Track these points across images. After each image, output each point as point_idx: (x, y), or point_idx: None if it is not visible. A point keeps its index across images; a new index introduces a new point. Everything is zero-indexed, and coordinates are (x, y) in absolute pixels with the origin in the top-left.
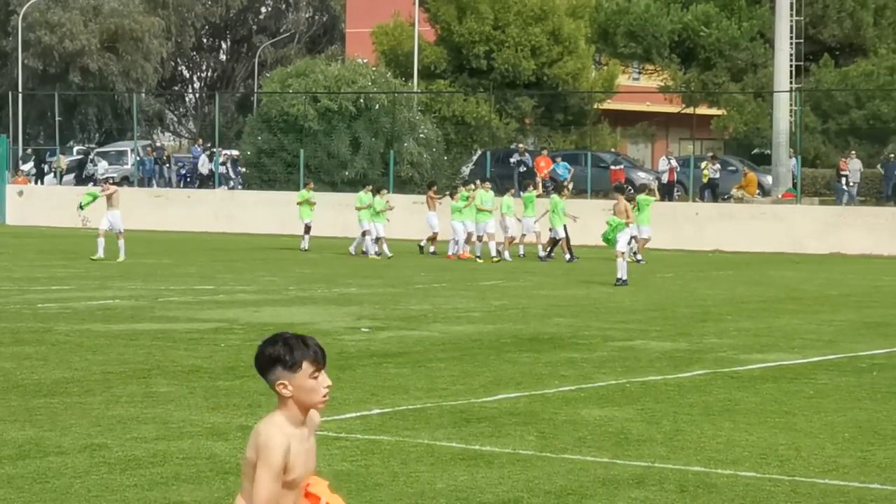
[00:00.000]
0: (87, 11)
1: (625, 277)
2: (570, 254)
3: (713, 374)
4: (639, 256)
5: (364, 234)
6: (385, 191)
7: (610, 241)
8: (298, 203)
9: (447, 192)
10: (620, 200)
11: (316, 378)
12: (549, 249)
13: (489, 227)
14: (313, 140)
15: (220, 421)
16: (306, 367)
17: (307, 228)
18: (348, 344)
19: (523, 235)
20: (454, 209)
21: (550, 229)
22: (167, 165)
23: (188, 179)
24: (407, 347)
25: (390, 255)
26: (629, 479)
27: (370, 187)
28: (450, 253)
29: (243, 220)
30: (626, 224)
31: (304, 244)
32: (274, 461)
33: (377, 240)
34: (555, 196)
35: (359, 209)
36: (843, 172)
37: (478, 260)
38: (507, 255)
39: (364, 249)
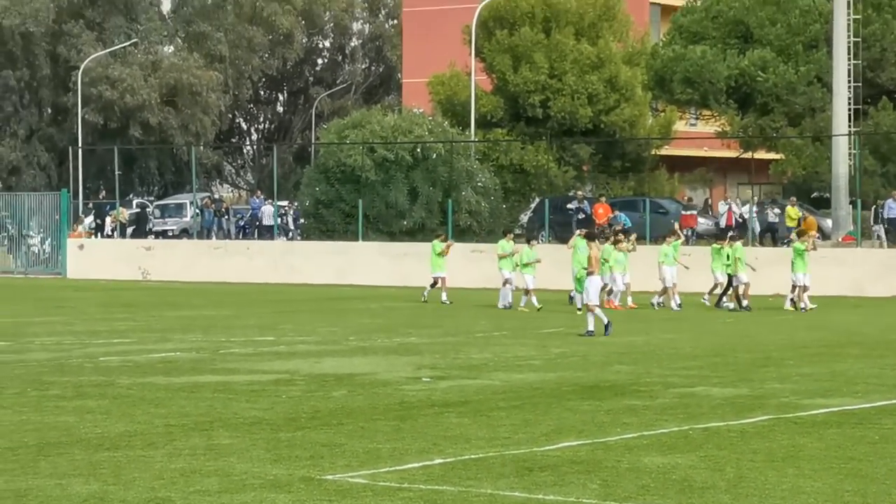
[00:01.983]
0: (146, 67)
1: (591, 329)
2: (735, 302)
3: (776, 419)
4: (745, 302)
5: (506, 283)
6: (535, 242)
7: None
8: (438, 254)
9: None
10: (592, 248)
11: None
12: (738, 298)
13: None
14: (371, 190)
15: (282, 473)
16: None
17: (436, 281)
18: (409, 394)
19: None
20: (614, 260)
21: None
22: (226, 217)
23: (247, 230)
24: (468, 396)
25: (539, 306)
26: None
27: (511, 235)
28: (614, 304)
29: (302, 270)
30: (590, 273)
31: (426, 293)
32: None
33: (526, 292)
34: (738, 244)
35: (500, 257)
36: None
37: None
38: (673, 303)
39: (505, 303)
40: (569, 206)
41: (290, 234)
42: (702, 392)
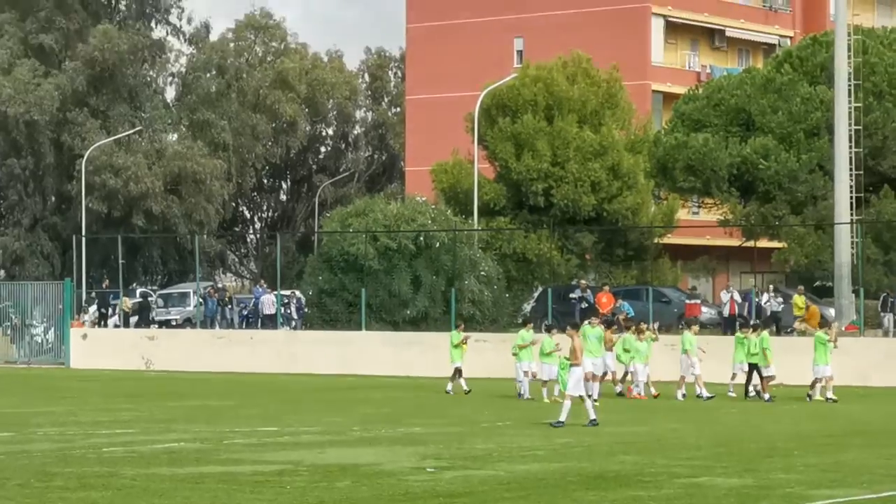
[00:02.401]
0: (150, 155)
1: (562, 419)
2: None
3: None
4: (766, 395)
5: (526, 374)
6: (556, 331)
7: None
8: (455, 345)
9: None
10: (574, 338)
11: None
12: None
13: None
14: (374, 279)
15: None
16: None
17: (457, 372)
18: (414, 484)
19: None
20: (635, 350)
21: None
22: (229, 306)
23: (250, 320)
24: (472, 487)
25: (555, 396)
26: None
27: (531, 325)
28: (634, 393)
29: (305, 360)
30: (574, 364)
31: (450, 387)
32: None
33: (545, 382)
34: (765, 333)
35: (521, 348)
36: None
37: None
38: (695, 391)
39: (520, 392)
40: (572, 294)
41: (294, 323)
42: (707, 482)
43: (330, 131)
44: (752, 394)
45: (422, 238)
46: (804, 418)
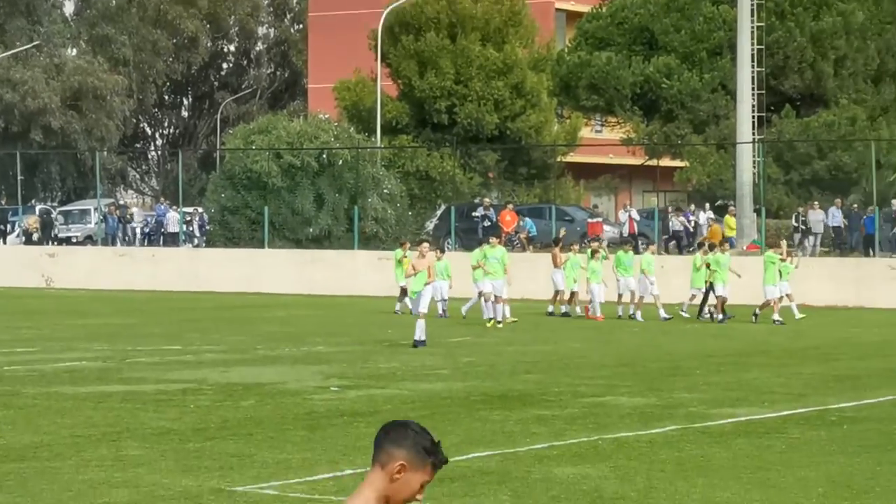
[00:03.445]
0: (49, 69)
1: (421, 338)
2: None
3: (685, 429)
4: (719, 316)
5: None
6: (494, 240)
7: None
8: (399, 261)
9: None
10: (426, 256)
11: (421, 487)
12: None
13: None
14: (277, 197)
15: (191, 484)
16: (428, 473)
17: (403, 292)
18: (318, 403)
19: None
20: (591, 270)
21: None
22: (131, 224)
23: (152, 237)
24: (377, 406)
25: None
26: None
27: (498, 240)
28: (589, 314)
29: (208, 278)
30: (428, 282)
31: (398, 307)
32: None
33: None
34: (719, 254)
35: (475, 268)
36: (805, 220)
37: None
38: (638, 314)
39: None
40: (475, 213)
41: (196, 241)
42: (611, 402)
43: (232, 48)
44: (706, 315)
45: (325, 156)
46: (707, 338)
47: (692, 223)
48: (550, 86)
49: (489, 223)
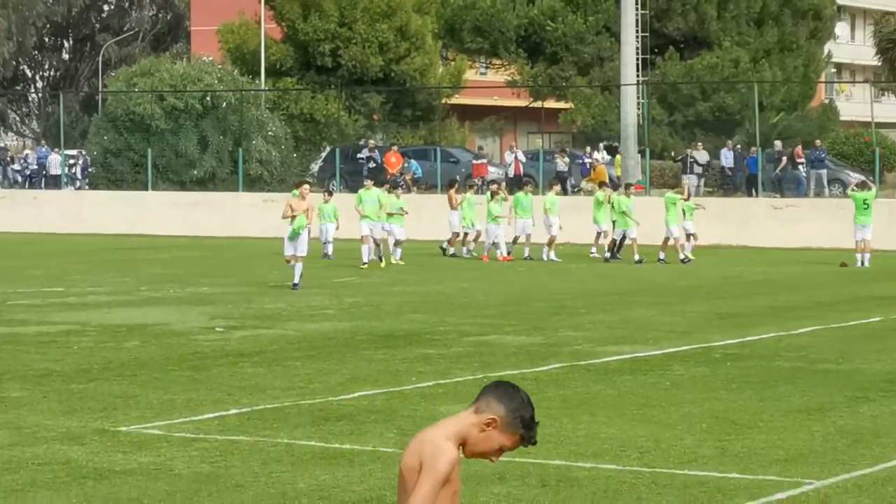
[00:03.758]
0: None
1: (296, 281)
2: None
3: (570, 367)
4: (681, 256)
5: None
6: (399, 190)
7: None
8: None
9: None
10: (308, 198)
11: (500, 450)
12: (615, 249)
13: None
14: (160, 139)
15: (75, 425)
16: (513, 441)
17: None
18: (203, 344)
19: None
20: (491, 211)
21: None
22: (11, 166)
23: (33, 180)
24: (262, 346)
25: (397, 260)
26: (490, 474)
27: (370, 182)
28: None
29: (91, 220)
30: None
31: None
32: (442, 470)
33: (396, 243)
34: (618, 195)
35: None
36: (694, 158)
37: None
38: (552, 255)
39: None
40: (360, 155)
41: (79, 183)
42: (496, 340)
43: None
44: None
45: (209, 98)
46: (592, 277)
47: (589, 165)
48: (435, 28)
49: (374, 165)
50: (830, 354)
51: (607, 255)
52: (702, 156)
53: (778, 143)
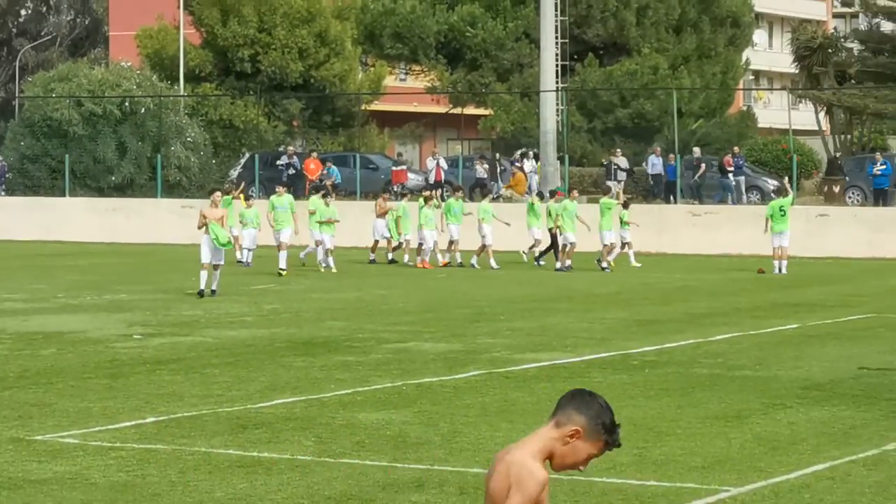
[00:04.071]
0: None
1: (204, 288)
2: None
3: (488, 374)
4: (604, 264)
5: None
6: (331, 198)
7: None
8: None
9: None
10: (220, 205)
11: (587, 458)
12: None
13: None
14: (78, 145)
15: None
16: (598, 448)
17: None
18: (120, 351)
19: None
20: (424, 217)
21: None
22: None
23: None
24: (180, 354)
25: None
26: (409, 482)
27: (282, 188)
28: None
29: (8, 227)
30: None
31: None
32: (532, 492)
33: (327, 252)
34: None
35: (311, 213)
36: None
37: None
38: (492, 262)
39: (322, 262)
40: (279, 161)
41: None
42: (415, 347)
43: None
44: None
45: (127, 104)
46: (511, 284)
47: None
48: (355, 34)
49: (294, 171)
50: (748, 361)
51: (542, 262)
52: (623, 162)
53: (697, 150)
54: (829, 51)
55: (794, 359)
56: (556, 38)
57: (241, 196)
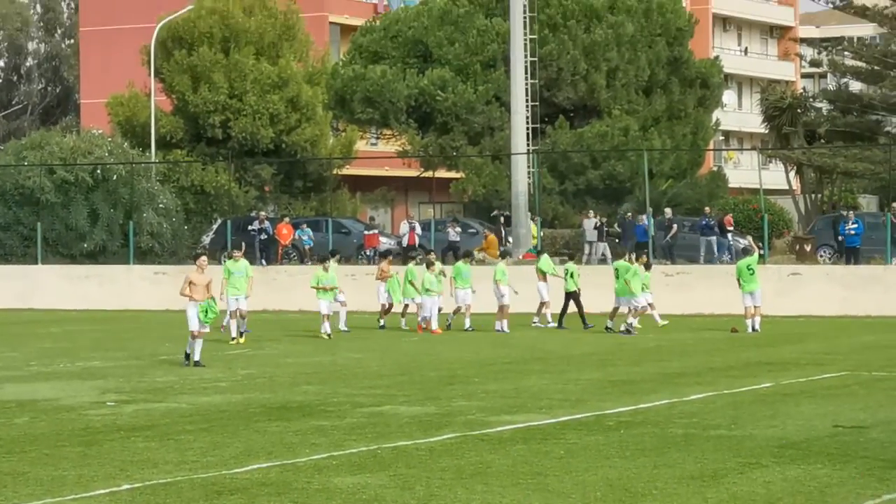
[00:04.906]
0: None
1: (196, 358)
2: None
3: (464, 437)
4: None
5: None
6: (328, 263)
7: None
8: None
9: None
10: (207, 271)
11: None
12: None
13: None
14: (51, 212)
15: None
16: None
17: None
18: (94, 419)
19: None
20: (429, 282)
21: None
22: None
23: None
24: (154, 420)
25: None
26: None
27: (238, 253)
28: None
29: None
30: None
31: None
32: None
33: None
34: (570, 264)
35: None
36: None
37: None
38: (505, 325)
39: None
40: (251, 226)
41: None
42: (390, 411)
43: (1, 63)
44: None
45: (99, 171)
46: (485, 346)
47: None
48: (325, 99)
49: (266, 236)
50: (723, 420)
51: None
52: (591, 223)
53: (668, 211)
54: (798, 110)
55: (769, 417)
56: (527, 101)
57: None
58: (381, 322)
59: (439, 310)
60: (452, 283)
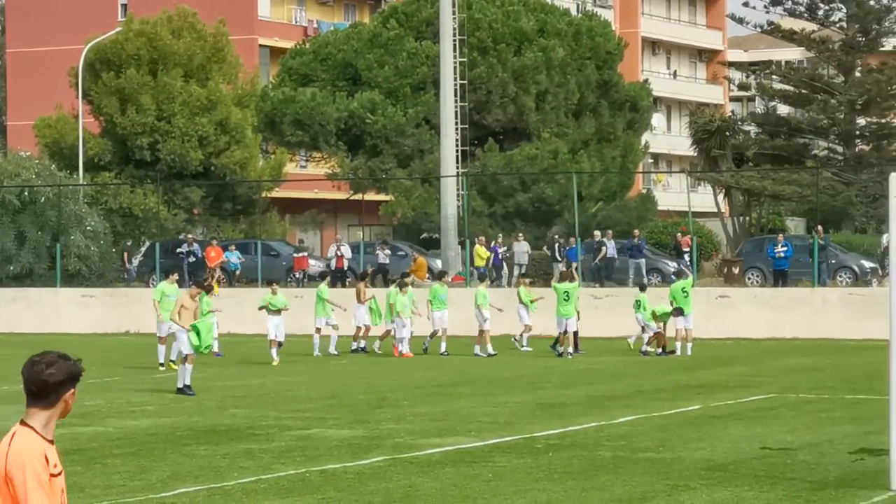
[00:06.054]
0: None
1: (188, 383)
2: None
3: (392, 460)
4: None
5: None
6: (276, 286)
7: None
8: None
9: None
10: (185, 297)
11: None
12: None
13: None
14: None
15: None
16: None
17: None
18: None
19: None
20: (401, 305)
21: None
22: None
23: None
24: (81, 444)
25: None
26: None
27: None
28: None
29: None
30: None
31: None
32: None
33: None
34: (567, 284)
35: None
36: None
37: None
38: (489, 348)
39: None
40: (179, 249)
41: None
42: (318, 434)
43: None
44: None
45: (26, 193)
46: (414, 369)
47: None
48: (255, 121)
49: (194, 259)
50: (651, 443)
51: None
52: (521, 246)
53: (597, 233)
54: (727, 134)
55: (698, 440)
56: (457, 123)
57: (216, 285)
58: (357, 344)
59: (410, 333)
60: (429, 305)
